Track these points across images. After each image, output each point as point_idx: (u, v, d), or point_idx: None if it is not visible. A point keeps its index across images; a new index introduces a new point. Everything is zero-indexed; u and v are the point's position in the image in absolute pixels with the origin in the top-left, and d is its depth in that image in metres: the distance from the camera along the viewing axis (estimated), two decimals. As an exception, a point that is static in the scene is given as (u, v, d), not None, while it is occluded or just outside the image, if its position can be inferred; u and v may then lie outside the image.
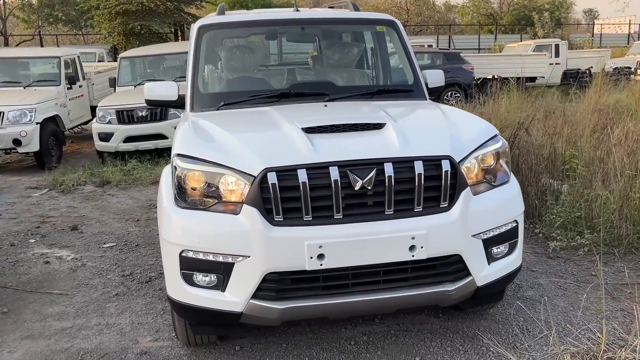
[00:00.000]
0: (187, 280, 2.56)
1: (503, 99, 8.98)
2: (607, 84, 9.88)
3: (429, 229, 2.48)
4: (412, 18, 37.44)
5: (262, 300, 2.47)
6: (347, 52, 4.38)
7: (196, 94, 3.56)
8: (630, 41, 33.08)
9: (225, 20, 3.89)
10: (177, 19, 22.84)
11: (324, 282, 2.49)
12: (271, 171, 2.43)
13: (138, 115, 8.56)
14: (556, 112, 7.77)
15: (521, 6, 39.32)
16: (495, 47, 27.26)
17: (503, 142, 2.88)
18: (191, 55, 3.69)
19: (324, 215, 2.46)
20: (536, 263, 4.11)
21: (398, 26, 4.03)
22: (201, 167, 2.56)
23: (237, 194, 2.50)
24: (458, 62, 14.74)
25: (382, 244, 2.45)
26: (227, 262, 2.47)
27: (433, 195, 2.55)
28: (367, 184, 2.45)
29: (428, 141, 2.71)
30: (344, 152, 2.53)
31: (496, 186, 2.78)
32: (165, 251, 2.67)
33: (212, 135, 2.90)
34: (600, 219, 4.36)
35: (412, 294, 2.55)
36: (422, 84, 3.82)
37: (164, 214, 2.66)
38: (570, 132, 6.16)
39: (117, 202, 6.45)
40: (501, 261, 2.77)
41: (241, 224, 2.45)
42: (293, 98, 3.50)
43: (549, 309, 3.34)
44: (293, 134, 2.67)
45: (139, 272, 4.22)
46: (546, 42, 19.69)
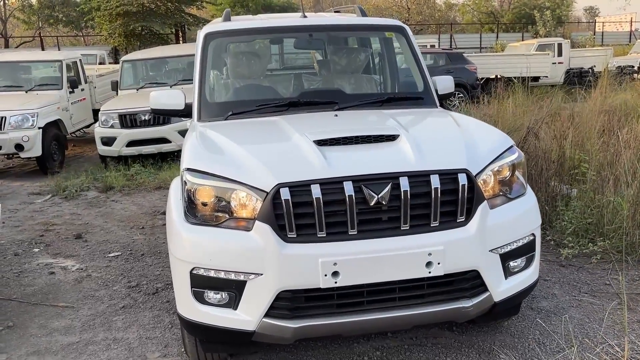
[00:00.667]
0: (198, 298, 2.50)
1: (508, 100, 8.92)
2: (611, 84, 9.82)
3: (446, 245, 2.42)
4: (413, 17, 37.35)
5: (275, 319, 2.41)
6: (355, 58, 4.32)
7: (204, 103, 3.50)
8: (632, 39, 32.97)
9: (232, 27, 3.83)
10: (177, 19, 22.78)
11: (338, 299, 2.43)
12: (284, 187, 2.37)
13: (141, 119, 8.50)
14: (562, 113, 7.70)
15: (522, 4, 39.17)
16: (496, 46, 27.15)
17: (519, 153, 2.82)
18: (198, 64, 3.63)
19: (338, 232, 2.40)
20: (549, 272, 4.05)
21: (407, 32, 3.97)
22: (212, 182, 2.50)
23: (249, 209, 2.44)
24: (461, 63, 14.68)
25: (398, 261, 2.39)
26: (239, 280, 2.41)
27: (449, 209, 2.49)
28: (383, 199, 2.39)
29: (444, 154, 2.65)
30: (358, 166, 2.47)
31: (513, 199, 2.71)
32: (175, 268, 2.61)
33: (222, 148, 2.83)
34: (612, 226, 4.30)
35: (428, 311, 2.49)
36: (432, 90, 3.75)
37: (174, 230, 2.60)
38: (577, 134, 6.09)
39: (121, 209, 6.39)
40: (518, 275, 2.71)
41: (253, 240, 2.39)
42: (302, 107, 3.44)
43: (565, 321, 3.28)
44: (305, 147, 2.60)
45: (146, 283, 4.16)
46: (549, 41, 19.60)
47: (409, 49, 3.91)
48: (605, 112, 7.72)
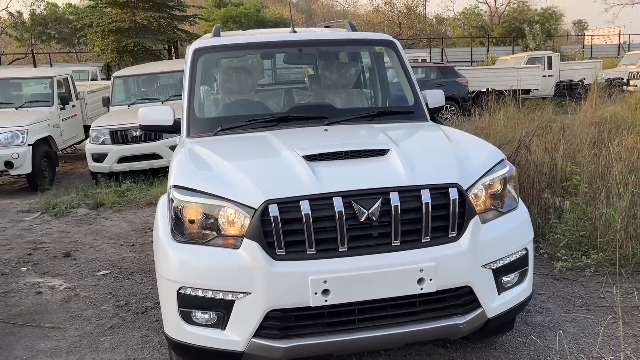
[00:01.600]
0: (186, 318, 2.45)
1: (500, 112, 8.96)
2: (601, 96, 9.89)
3: (438, 261, 2.38)
4: (404, 31, 37.64)
5: (265, 339, 2.36)
6: (345, 73, 4.31)
7: (192, 119, 3.47)
8: (621, 52, 33.36)
9: (221, 42, 3.80)
10: (170, 35, 22.82)
11: (329, 318, 2.38)
12: (272, 203, 2.33)
13: (132, 135, 8.46)
14: (553, 126, 7.73)
15: (512, 18, 39.63)
16: (487, 59, 27.38)
17: (510, 167, 2.80)
18: (187, 79, 3.60)
19: (328, 249, 2.36)
20: (543, 285, 4.01)
21: (397, 46, 3.96)
22: (199, 199, 2.46)
23: (237, 227, 2.40)
24: (452, 76, 14.75)
25: (389, 278, 2.35)
26: (227, 299, 2.36)
27: (441, 224, 2.46)
28: (373, 215, 2.36)
29: (434, 168, 2.62)
30: (347, 182, 2.44)
31: (504, 213, 2.69)
32: (162, 288, 2.55)
33: (210, 164, 2.80)
34: (605, 238, 4.28)
35: (421, 329, 2.44)
36: (422, 104, 3.74)
37: (161, 249, 2.55)
38: (568, 146, 6.10)
39: (112, 226, 6.32)
40: (512, 291, 2.67)
41: (242, 259, 2.34)
42: (292, 122, 3.41)
43: (560, 336, 3.24)
44: (294, 163, 2.57)
45: (135, 301, 4.08)
46: (539, 54, 19.78)
47: (399, 63, 3.91)
48: (595, 124, 7.76)
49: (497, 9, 43.07)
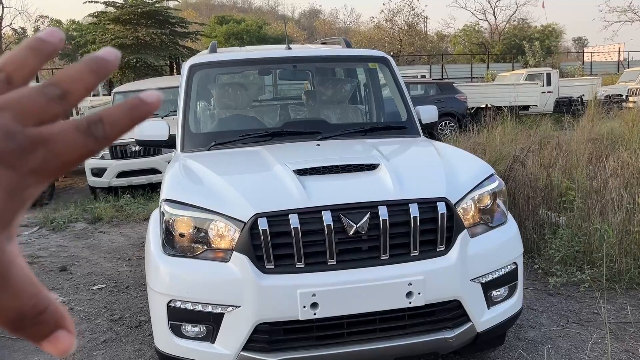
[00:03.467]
0: (175, 331, 2.46)
1: (497, 129, 9.00)
2: (599, 112, 9.93)
3: (426, 274, 2.40)
4: (405, 48, 37.95)
5: (254, 352, 2.37)
6: (340, 89, 4.36)
7: (187, 134, 3.51)
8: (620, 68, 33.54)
9: (216, 59, 3.86)
10: (172, 52, 23.02)
11: (318, 331, 2.39)
12: (262, 217, 2.36)
13: (131, 150, 8.50)
14: (551, 142, 7.77)
15: (512, 35, 39.98)
16: (487, 76, 27.54)
17: (500, 181, 2.82)
18: (182, 94, 3.65)
19: (317, 262, 2.38)
20: (537, 300, 4.01)
21: (390, 63, 4.02)
22: (189, 212, 2.48)
23: (227, 240, 2.42)
24: (451, 92, 14.84)
25: (378, 291, 2.36)
26: (216, 313, 2.37)
27: (429, 238, 2.48)
28: (362, 229, 2.38)
29: (423, 182, 2.65)
30: (336, 196, 2.47)
31: (494, 227, 2.71)
32: (152, 301, 2.57)
33: (202, 178, 2.83)
34: (599, 254, 4.29)
35: (410, 342, 2.45)
36: (415, 120, 3.78)
37: (151, 262, 2.57)
38: (565, 162, 6.13)
39: (109, 240, 6.33)
40: (501, 305, 2.68)
41: (231, 272, 2.36)
42: (285, 137, 3.45)
43: (552, 351, 3.23)
44: (284, 177, 2.60)
45: (129, 315, 4.09)
46: (538, 70, 19.91)
47: (392, 79, 3.96)
48: (592, 140, 7.80)
49: (497, 26, 43.47)
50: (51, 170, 0.31)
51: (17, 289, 0.32)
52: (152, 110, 0.33)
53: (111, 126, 0.32)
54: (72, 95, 0.32)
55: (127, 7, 21.20)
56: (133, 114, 0.32)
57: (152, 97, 0.33)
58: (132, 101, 0.32)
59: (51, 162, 0.31)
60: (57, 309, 0.33)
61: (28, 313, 0.32)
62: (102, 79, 0.33)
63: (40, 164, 0.31)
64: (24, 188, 0.31)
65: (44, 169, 0.31)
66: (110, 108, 0.32)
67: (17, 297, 0.31)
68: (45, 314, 0.32)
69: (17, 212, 0.31)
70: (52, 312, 0.33)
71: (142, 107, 0.32)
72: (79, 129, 0.31)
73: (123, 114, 0.32)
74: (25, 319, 0.32)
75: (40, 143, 0.30)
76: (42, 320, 0.32)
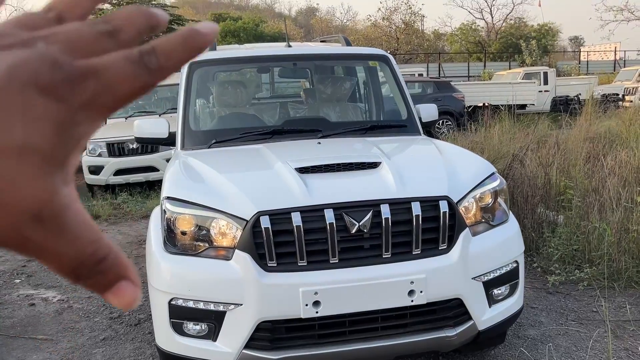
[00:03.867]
0: (177, 329, 2.45)
1: (495, 127, 9.01)
2: (596, 111, 9.96)
3: (428, 273, 2.40)
4: (402, 47, 37.94)
5: (256, 350, 2.36)
6: (340, 87, 4.35)
7: (187, 132, 3.50)
8: (617, 68, 33.63)
9: (216, 56, 3.85)
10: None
11: (320, 330, 2.39)
12: (264, 215, 2.35)
13: (129, 147, 8.48)
14: (548, 140, 7.78)
15: (508, 34, 40.01)
16: (484, 74, 27.58)
17: (501, 180, 2.82)
18: (182, 92, 3.64)
19: (319, 260, 2.38)
20: (536, 299, 4.02)
21: (390, 61, 4.01)
22: (191, 210, 2.48)
23: (229, 238, 2.41)
24: (449, 91, 14.85)
25: (380, 290, 2.36)
26: (218, 311, 2.37)
27: (431, 237, 2.48)
28: (364, 227, 2.38)
29: (425, 181, 2.65)
30: (339, 194, 2.46)
31: (495, 226, 2.71)
32: (153, 299, 2.56)
33: (203, 176, 2.82)
34: (598, 252, 4.30)
35: (411, 341, 2.45)
36: (415, 118, 3.78)
37: (153, 260, 2.56)
38: (562, 161, 6.14)
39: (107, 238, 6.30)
40: (502, 303, 2.69)
41: (233, 270, 2.36)
42: (286, 134, 3.45)
43: (552, 350, 3.24)
44: (286, 175, 2.59)
45: (128, 314, 4.08)
46: (535, 69, 19.96)
47: (392, 77, 3.95)
48: (590, 139, 7.82)
49: (494, 24, 43.51)
50: (103, 104, 0.29)
51: (74, 233, 0.30)
52: (208, 42, 0.31)
53: (165, 57, 0.30)
54: (124, 33, 0.31)
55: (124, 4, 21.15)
56: (188, 45, 0.31)
57: (208, 28, 0.31)
58: (187, 31, 0.31)
59: (103, 96, 0.29)
60: (119, 258, 0.32)
61: (87, 260, 0.30)
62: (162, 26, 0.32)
63: (91, 96, 0.29)
64: (76, 124, 0.29)
65: (96, 103, 0.29)
66: (163, 38, 0.31)
67: (75, 243, 0.30)
68: (106, 262, 0.31)
69: (70, 151, 0.30)
70: (114, 260, 0.31)
71: (198, 37, 0.31)
72: (130, 59, 0.29)
73: (177, 44, 0.30)
74: (84, 267, 0.30)
75: (90, 74, 0.29)
76: (103, 269, 0.31)
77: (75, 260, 0.30)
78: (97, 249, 0.31)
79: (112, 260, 0.31)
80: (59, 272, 0.31)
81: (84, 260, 0.30)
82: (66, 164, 0.30)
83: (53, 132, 0.28)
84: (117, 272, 0.31)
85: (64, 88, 0.28)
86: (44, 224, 0.29)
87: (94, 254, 0.30)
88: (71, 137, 0.29)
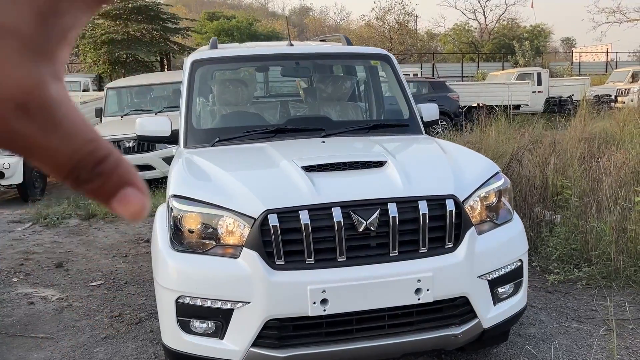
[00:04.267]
0: (184, 327, 2.45)
1: (491, 127, 9.05)
2: (590, 112, 10.03)
3: (435, 271, 2.41)
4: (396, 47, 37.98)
5: (263, 348, 2.37)
6: (341, 86, 4.36)
7: (190, 130, 3.49)
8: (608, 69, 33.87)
9: (219, 55, 3.85)
10: (163, 47, 22.88)
11: (327, 328, 2.40)
12: (272, 213, 2.35)
13: (125, 146, 8.44)
14: (543, 140, 7.83)
15: (501, 35, 40.17)
16: (478, 75, 27.68)
17: (505, 179, 2.84)
18: (184, 90, 3.63)
19: (327, 258, 2.39)
20: (535, 298, 4.05)
21: (392, 60, 4.03)
22: (199, 208, 2.47)
23: (237, 236, 2.41)
24: (444, 91, 14.90)
25: (387, 288, 2.37)
26: (226, 309, 2.37)
27: (437, 235, 2.49)
28: (371, 225, 2.39)
29: (431, 180, 2.67)
30: (346, 192, 2.47)
31: (499, 225, 2.73)
32: (160, 297, 2.56)
33: (209, 174, 2.82)
34: (596, 252, 4.34)
35: (418, 339, 2.47)
36: (417, 118, 3.79)
37: (159, 258, 2.56)
38: (559, 161, 6.18)
39: (104, 237, 6.28)
40: (507, 302, 2.71)
41: (241, 268, 2.36)
42: (289, 133, 3.45)
43: (553, 348, 3.27)
44: (293, 173, 2.60)
45: (129, 312, 4.06)
46: (528, 70, 20.06)
47: (394, 77, 3.97)
48: (585, 139, 7.87)
49: (487, 25, 43.68)
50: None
51: (69, 130, 0.28)
52: None
53: None
54: None
55: (118, 2, 21.01)
56: None
57: None
58: None
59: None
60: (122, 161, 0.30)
61: (86, 160, 0.28)
62: None
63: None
64: (60, 13, 0.27)
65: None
66: None
67: (70, 139, 0.28)
68: (107, 163, 0.29)
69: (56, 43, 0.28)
70: (115, 163, 0.29)
71: None
72: None
73: None
74: (83, 168, 0.28)
75: None
76: (105, 171, 0.28)
77: (72, 159, 0.28)
78: (96, 148, 0.29)
79: (114, 163, 0.29)
80: (56, 173, 0.28)
81: (81, 158, 0.28)
82: (53, 57, 0.28)
83: (33, 17, 0.27)
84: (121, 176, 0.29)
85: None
86: (31, 115, 0.27)
87: (92, 152, 0.28)
88: (55, 25, 0.27)
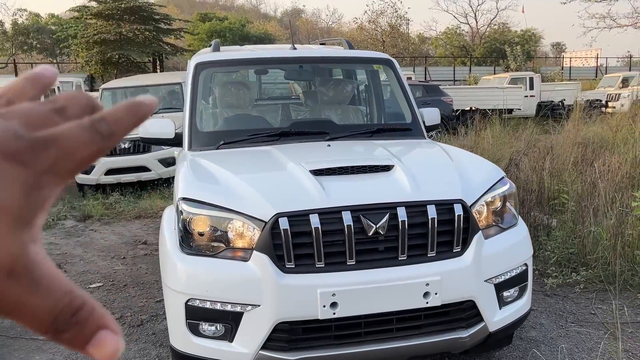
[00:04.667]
0: (193, 330, 2.45)
1: (486, 131, 9.12)
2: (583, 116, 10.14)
3: (443, 275, 2.44)
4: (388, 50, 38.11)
5: (272, 351, 2.37)
6: (342, 89, 4.38)
7: (194, 133, 3.49)
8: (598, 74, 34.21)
9: (224, 57, 3.85)
10: (155, 48, 22.82)
11: (336, 331, 2.41)
12: (283, 216, 2.36)
13: (120, 147, 8.39)
14: (538, 144, 7.90)
15: (492, 39, 40.45)
16: (469, 78, 27.86)
17: (510, 184, 2.88)
18: (188, 93, 3.63)
19: (337, 262, 2.40)
20: (535, 301, 4.08)
21: (394, 64, 4.05)
22: (208, 211, 2.48)
23: (247, 239, 2.42)
24: (437, 95, 14.98)
25: (396, 291, 2.39)
26: (235, 312, 2.38)
27: (446, 239, 2.52)
28: (381, 229, 2.41)
29: (439, 184, 2.69)
30: (356, 196, 2.49)
31: (505, 229, 2.76)
32: (169, 300, 2.56)
33: (217, 177, 2.82)
34: (593, 256, 4.39)
35: (425, 342, 2.49)
36: (420, 122, 3.82)
37: (168, 261, 2.56)
38: (554, 165, 6.25)
39: (101, 238, 6.25)
40: (512, 305, 2.74)
41: (251, 271, 2.37)
42: (293, 137, 3.46)
43: (554, 351, 3.31)
44: (302, 177, 2.61)
45: (130, 314, 4.05)
46: (521, 74, 20.23)
47: (396, 81, 3.99)
48: (579, 144, 7.95)
49: (478, 29, 43.98)
50: (64, 168, 0.32)
51: (48, 286, 0.31)
52: (150, 110, 0.35)
53: (115, 123, 0.33)
54: (69, 110, 0.34)
55: (110, 2, 20.93)
56: (134, 112, 0.34)
57: (148, 100, 0.36)
58: (131, 102, 0.35)
59: (63, 160, 0.32)
60: (95, 307, 0.33)
61: (63, 311, 0.31)
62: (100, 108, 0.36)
63: (52, 162, 0.31)
64: (41, 187, 0.31)
65: (58, 167, 0.32)
66: (110, 108, 0.34)
67: (49, 295, 0.31)
68: (82, 311, 0.32)
69: (36, 212, 0.32)
70: (90, 310, 0.32)
71: (141, 107, 0.35)
72: (83, 127, 0.33)
73: (123, 112, 0.34)
74: (62, 319, 0.31)
75: (50, 142, 0.32)
76: (81, 320, 0.32)
77: (51, 313, 0.31)
78: (73, 299, 0.32)
79: (89, 310, 0.32)
80: (37, 328, 0.32)
81: (60, 311, 0.31)
82: (33, 224, 0.32)
83: (21, 194, 0.31)
84: (96, 322, 0.32)
85: (28, 155, 0.31)
86: (18, 279, 0.31)
87: (69, 304, 0.32)
88: (37, 198, 0.32)
